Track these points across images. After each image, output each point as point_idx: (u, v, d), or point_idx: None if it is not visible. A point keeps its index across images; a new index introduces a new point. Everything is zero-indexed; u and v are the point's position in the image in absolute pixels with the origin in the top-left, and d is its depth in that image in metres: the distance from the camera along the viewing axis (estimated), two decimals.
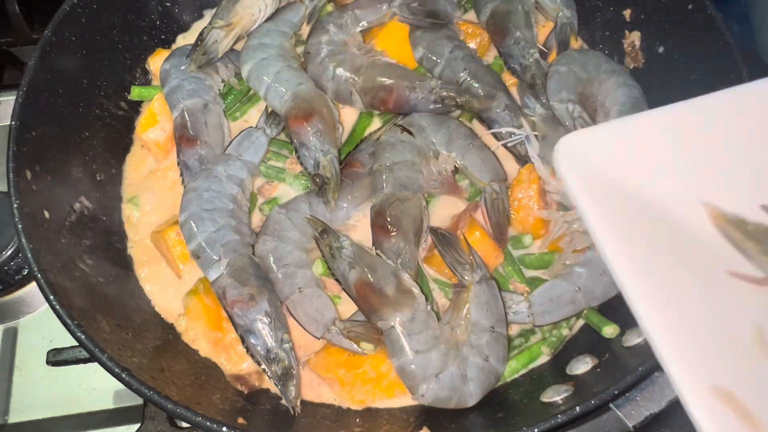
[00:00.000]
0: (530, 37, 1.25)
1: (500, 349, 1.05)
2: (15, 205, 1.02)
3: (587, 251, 1.09)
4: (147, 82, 1.36)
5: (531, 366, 1.11)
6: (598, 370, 1.03)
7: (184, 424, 1.14)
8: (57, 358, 1.14)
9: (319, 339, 1.09)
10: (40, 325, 1.32)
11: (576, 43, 1.35)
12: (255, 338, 1.06)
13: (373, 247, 1.10)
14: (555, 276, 1.12)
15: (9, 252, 1.31)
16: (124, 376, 0.92)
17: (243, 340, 1.08)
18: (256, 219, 1.22)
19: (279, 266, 1.12)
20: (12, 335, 1.31)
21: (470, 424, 1.02)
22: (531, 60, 1.23)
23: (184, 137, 1.21)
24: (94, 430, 1.23)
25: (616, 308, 1.09)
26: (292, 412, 1.04)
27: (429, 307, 1.05)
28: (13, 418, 1.24)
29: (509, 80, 1.29)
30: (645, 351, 0.97)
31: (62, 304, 0.97)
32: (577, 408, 0.88)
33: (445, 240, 1.09)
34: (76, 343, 1.10)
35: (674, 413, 0.89)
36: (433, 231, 1.11)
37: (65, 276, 1.04)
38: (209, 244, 1.12)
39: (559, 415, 0.88)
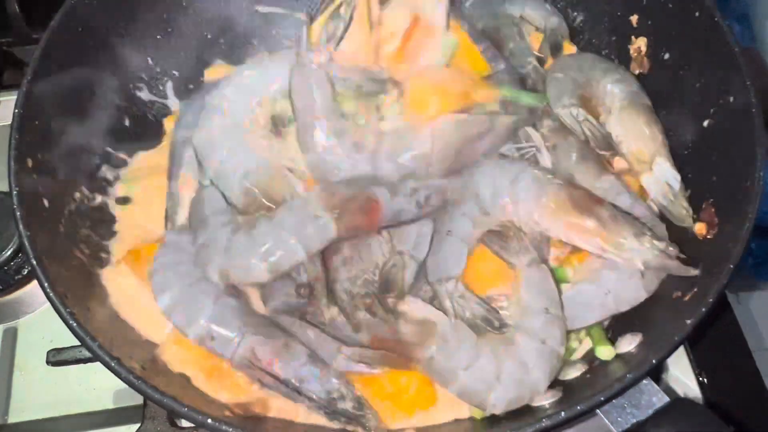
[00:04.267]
0: (524, 46, 1.28)
1: (557, 330, 1.02)
2: (14, 192, 1.04)
3: None
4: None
5: None
6: (588, 375, 1.06)
7: (185, 425, 1.15)
8: (57, 358, 1.16)
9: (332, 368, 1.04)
10: (40, 325, 1.33)
11: (571, 49, 1.37)
12: (310, 384, 0.99)
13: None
14: (580, 280, 1.11)
15: (9, 252, 1.31)
16: (113, 364, 0.93)
17: (299, 395, 0.99)
18: None
19: None
20: (12, 335, 1.33)
21: None
22: (529, 68, 1.26)
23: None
24: (94, 430, 1.23)
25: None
26: None
27: (452, 318, 1.02)
28: (13, 418, 1.26)
29: None
30: (635, 359, 1.00)
31: (56, 292, 0.98)
32: (563, 413, 0.89)
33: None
34: (76, 343, 1.11)
35: (660, 422, 0.90)
36: None
37: (62, 264, 1.06)
38: (219, 319, 1.01)
39: (544, 420, 0.89)
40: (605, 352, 1.06)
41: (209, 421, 0.88)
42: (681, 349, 1.24)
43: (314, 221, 1.04)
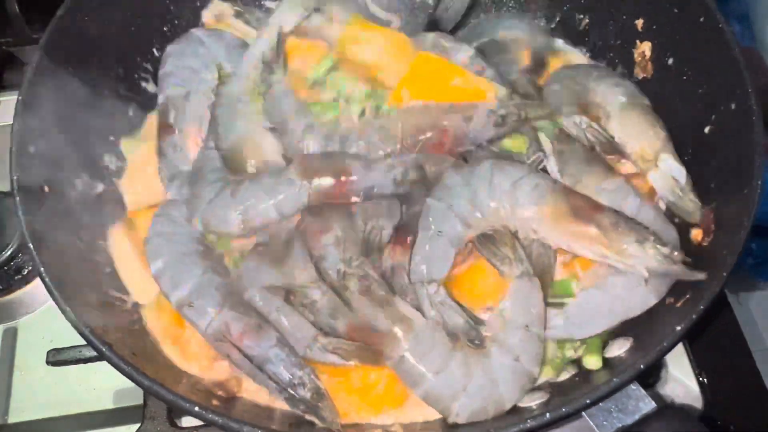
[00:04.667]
0: (510, 57, 1.30)
1: (534, 349, 1.01)
2: (15, 178, 1.05)
3: None
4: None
5: None
6: (577, 378, 1.06)
7: (185, 424, 1.15)
8: (57, 358, 1.16)
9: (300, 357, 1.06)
10: (40, 325, 1.34)
11: (574, 59, 1.39)
12: (274, 365, 1.02)
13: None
14: (588, 287, 1.09)
15: (9, 252, 1.31)
16: (104, 350, 0.95)
17: (260, 372, 1.03)
18: None
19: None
20: (12, 335, 1.34)
21: None
22: (515, 76, 1.27)
23: (162, 124, 1.25)
24: (94, 430, 1.24)
25: None
26: None
27: (430, 321, 1.02)
28: (13, 418, 1.26)
29: None
30: (624, 363, 1.00)
31: (52, 277, 1.00)
32: (547, 415, 0.90)
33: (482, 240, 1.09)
34: (76, 343, 1.11)
35: (646, 427, 0.91)
36: None
37: (60, 251, 1.08)
38: (202, 290, 1.07)
39: (529, 420, 0.89)
40: (592, 362, 1.06)
41: (196, 408, 0.90)
42: (681, 349, 1.24)
43: (289, 187, 1.11)
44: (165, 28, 1.37)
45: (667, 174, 1.14)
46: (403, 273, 1.07)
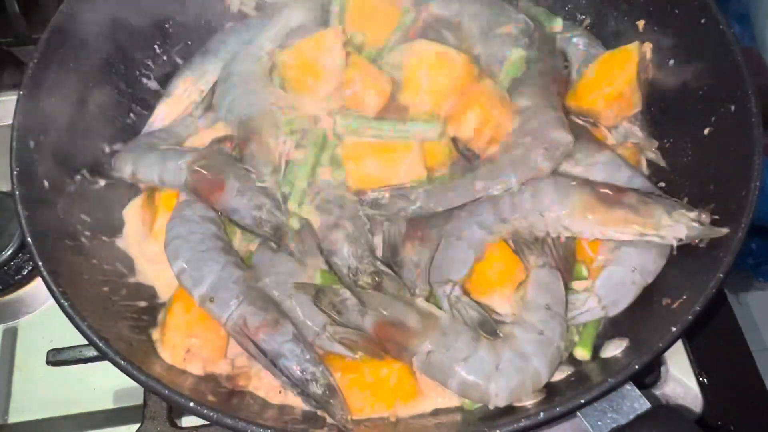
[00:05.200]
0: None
1: (557, 325, 1.03)
2: (15, 173, 1.06)
3: None
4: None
5: None
6: (572, 378, 1.06)
7: (185, 424, 1.15)
8: (57, 358, 1.16)
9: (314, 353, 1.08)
10: (40, 325, 1.34)
11: None
12: (287, 360, 1.04)
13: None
14: (603, 265, 1.12)
15: (9, 252, 1.31)
16: (101, 345, 0.95)
17: (274, 366, 1.05)
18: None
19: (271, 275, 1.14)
20: (12, 335, 1.34)
21: None
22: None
23: None
24: (94, 430, 1.24)
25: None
26: (344, 430, 1.01)
27: (449, 316, 1.06)
28: (13, 418, 1.26)
29: None
30: (619, 363, 1.00)
31: (50, 271, 1.00)
32: (541, 414, 0.90)
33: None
34: (76, 343, 1.11)
35: (640, 428, 0.92)
36: None
37: (58, 245, 1.09)
38: (222, 284, 1.10)
39: (523, 420, 0.90)
40: (580, 352, 1.08)
41: (191, 404, 0.91)
42: (681, 350, 1.24)
43: (179, 162, 1.19)
44: (166, 26, 1.38)
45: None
46: (412, 267, 1.10)
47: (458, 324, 1.04)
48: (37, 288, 1.35)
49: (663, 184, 1.21)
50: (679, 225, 1.03)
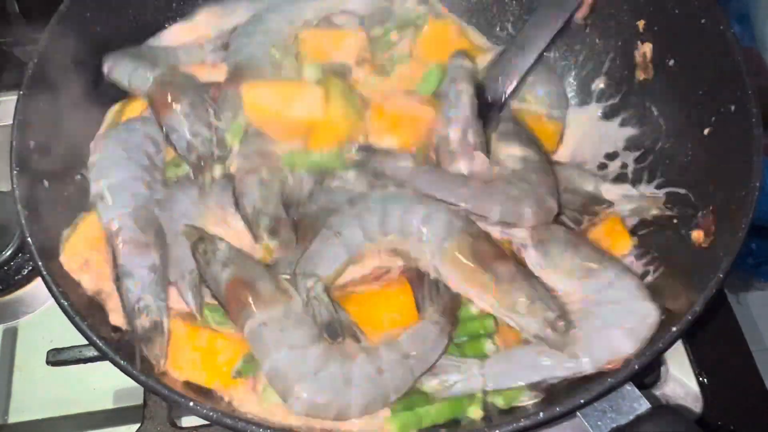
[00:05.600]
0: None
1: (401, 376, 0.98)
2: (14, 173, 1.06)
3: None
4: None
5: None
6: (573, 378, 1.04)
7: (185, 424, 1.15)
8: (57, 358, 1.16)
9: (170, 282, 1.09)
10: (40, 325, 1.34)
11: None
12: (131, 283, 1.04)
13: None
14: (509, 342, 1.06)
15: (9, 252, 1.31)
16: (101, 344, 0.95)
17: (117, 281, 1.05)
18: None
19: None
20: (12, 335, 1.34)
21: None
22: None
23: None
24: (94, 430, 1.25)
25: None
26: (152, 368, 1.00)
27: (306, 309, 1.02)
28: (13, 418, 1.27)
29: None
30: None
31: (49, 270, 1.00)
32: (541, 414, 0.90)
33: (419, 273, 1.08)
34: (77, 343, 1.11)
35: (640, 428, 0.91)
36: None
37: (57, 245, 1.09)
38: (119, 189, 1.11)
39: (523, 420, 0.90)
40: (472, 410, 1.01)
41: (182, 400, 0.91)
42: (681, 349, 1.24)
43: (148, 73, 1.21)
44: (167, 24, 1.37)
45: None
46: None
47: (306, 318, 1.00)
48: (37, 288, 1.35)
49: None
50: (530, 320, 0.98)
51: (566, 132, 1.35)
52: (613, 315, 1.01)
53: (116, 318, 1.08)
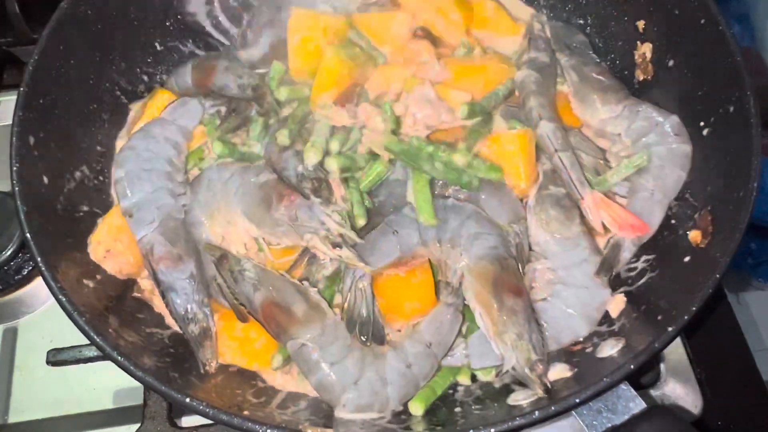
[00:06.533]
0: None
1: (427, 365, 1.06)
2: (14, 168, 1.07)
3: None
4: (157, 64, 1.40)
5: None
6: (570, 377, 1.06)
7: (185, 425, 1.15)
8: (57, 358, 1.17)
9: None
10: (40, 325, 1.35)
11: None
12: (176, 296, 1.11)
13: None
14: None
15: (9, 252, 1.32)
16: (98, 340, 0.96)
17: (163, 297, 1.12)
18: None
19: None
20: (12, 335, 1.35)
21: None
22: None
23: None
24: (94, 430, 1.25)
25: None
26: (201, 370, 1.08)
27: (338, 317, 1.08)
28: (13, 418, 1.27)
29: None
30: (614, 363, 1.00)
31: (48, 266, 1.01)
32: (536, 413, 0.91)
33: None
34: (77, 343, 1.11)
35: (635, 428, 0.92)
36: None
37: (57, 242, 1.09)
38: (145, 205, 1.15)
39: (518, 418, 0.90)
40: (414, 406, 1.06)
41: (180, 397, 0.92)
42: (681, 350, 1.24)
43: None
44: (167, 23, 1.38)
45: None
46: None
47: (340, 329, 1.06)
48: (37, 288, 1.35)
49: None
50: (512, 354, 1.01)
51: None
52: (576, 299, 1.11)
53: (146, 284, 1.18)
